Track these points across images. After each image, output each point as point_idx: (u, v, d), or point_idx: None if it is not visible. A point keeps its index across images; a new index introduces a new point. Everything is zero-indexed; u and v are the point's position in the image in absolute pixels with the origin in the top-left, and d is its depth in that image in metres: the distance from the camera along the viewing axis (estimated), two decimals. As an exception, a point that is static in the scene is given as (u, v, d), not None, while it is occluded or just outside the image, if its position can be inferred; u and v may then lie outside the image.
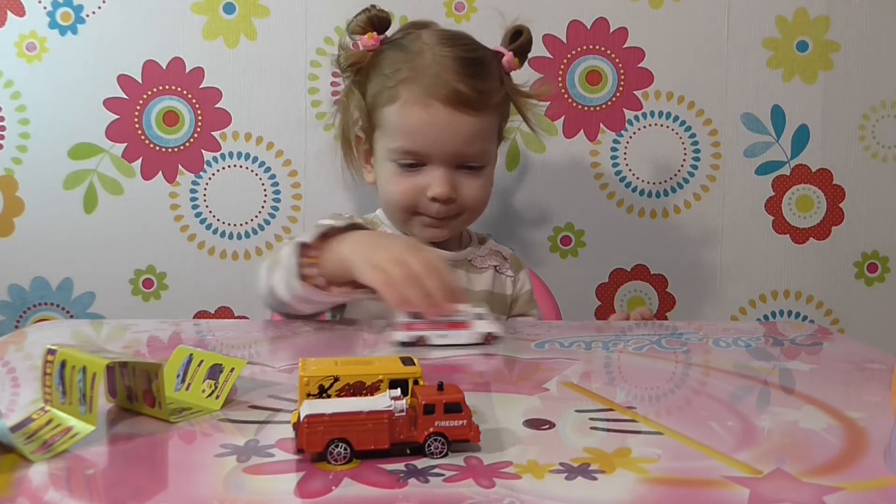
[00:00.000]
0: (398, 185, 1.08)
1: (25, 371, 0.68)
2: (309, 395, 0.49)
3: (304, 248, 0.89)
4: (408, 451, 0.46)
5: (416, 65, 1.05)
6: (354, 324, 0.93)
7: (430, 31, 1.11)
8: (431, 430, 0.45)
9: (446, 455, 0.46)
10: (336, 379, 0.49)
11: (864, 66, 1.43)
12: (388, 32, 1.12)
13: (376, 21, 1.11)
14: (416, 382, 0.50)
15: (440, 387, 0.47)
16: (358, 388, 0.49)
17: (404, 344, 0.78)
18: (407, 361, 0.52)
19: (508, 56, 1.12)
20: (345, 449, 0.44)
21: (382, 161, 1.10)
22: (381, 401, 0.46)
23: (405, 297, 0.79)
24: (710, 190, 1.44)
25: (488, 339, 0.80)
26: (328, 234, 0.90)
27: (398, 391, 0.47)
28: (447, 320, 0.79)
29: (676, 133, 1.43)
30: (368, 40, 1.09)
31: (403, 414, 0.45)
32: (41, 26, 1.36)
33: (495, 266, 1.17)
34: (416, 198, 1.08)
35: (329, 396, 0.49)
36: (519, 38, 1.14)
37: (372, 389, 0.49)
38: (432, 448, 0.45)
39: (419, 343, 0.78)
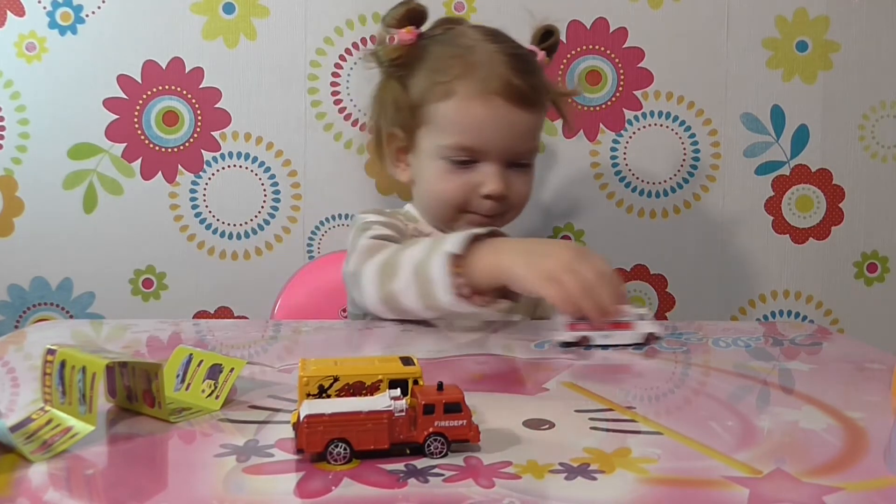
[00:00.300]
0: (449, 182, 1.06)
1: (25, 371, 0.68)
2: (309, 395, 0.49)
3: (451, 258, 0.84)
4: (407, 451, 0.46)
5: (471, 60, 1.04)
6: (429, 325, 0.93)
7: (471, 27, 1.11)
8: (431, 430, 0.45)
9: (446, 455, 0.46)
10: (336, 379, 0.49)
11: (864, 66, 1.43)
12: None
13: (414, 15, 1.09)
14: (415, 382, 0.50)
15: (440, 387, 0.47)
16: (358, 388, 0.49)
17: (568, 344, 0.78)
18: (406, 361, 0.52)
19: (542, 55, 1.13)
20: (344, 449, 0.44)
21: (430, 158, 1.07)
22: (381, 401, 0.46)
23: (580, 308, 0.77)
24: (710, 190, 1.44)
25: (649, 338, 0.80)
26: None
27: (398, 391, 0.47)
28: (611, 321, 0.79)
29: (676, 133, 1.43)
30: (406, 35, 1.07)
31: (403, 414, 0.45)
32: (41, 26, 1.36)
33: None
34: (467, 195, 1.06)
35: (329, 396, 0.49)
36: (550, 39, 1.15)
37: (372, 389, 0.49)
38: (432, 448, 0.45)
39: (581, 343, 0.78)
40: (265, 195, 1.41)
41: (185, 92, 1.38)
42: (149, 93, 1.38)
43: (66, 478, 0.45)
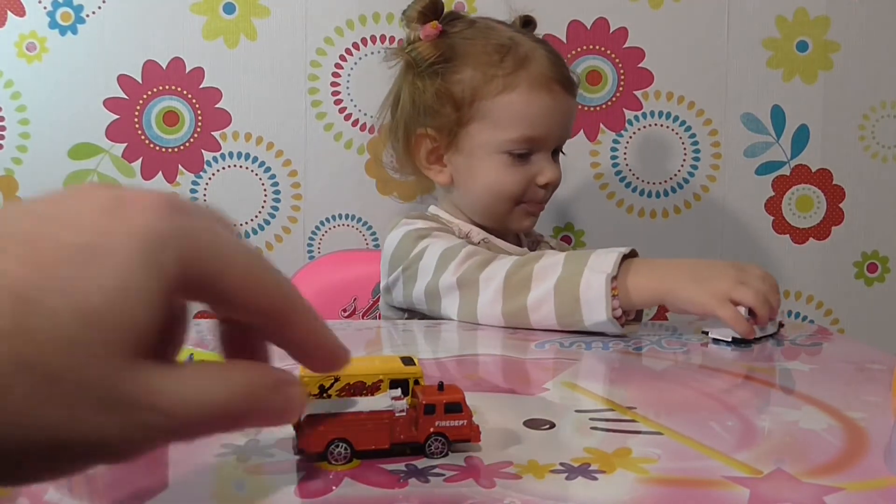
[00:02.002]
0: (511, 175, 1.05)
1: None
2: (309, 394, 0.49)
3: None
4: (408, 451, 0.46)
5: (521, 53, 1.04)
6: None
7: (484, 20, 1.11)
8: (432, 430, 0.45)
9: (447, 455, 0.46)
10: (336, 379, 0.49)
11: (864, 66, 1.43)
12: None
13: (435, 8, 1.08)
14: (416, 382, 0.50)
15: (440, 387, 0.47)
16: (358, 388, 0.49)
17: (737, 341, 0.80)
18: (407, 361, 0.52)
19: None
20: (345, 449, 0.44)
21: (485, 154, 1.05)
22: (382, 401, 0.46)
23: (751, 328, 0.80)
24: (710, 190, 1.44)
25: (781, 325, 0.85)
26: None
27: (398, 391, 0.47)
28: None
29: (676, 133, 1.43)
30: (431, 30, 1.06)
31: (404, 414, 0.45)
32: (41, 26, 1.36)
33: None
34: (525, 187, 1.06)
35: (329, 396, 0.49)
36: (529, 27, 1.14)
37: (372, 389, 0.49)
38: (433, 448, 0.45)
39: (733, 339, 0.80)
40: (265, 195, 1.41)
41: (185, 92, 1.38)
42: (149, 93, 1.38)
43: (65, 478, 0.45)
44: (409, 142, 1.09)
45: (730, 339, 0.80)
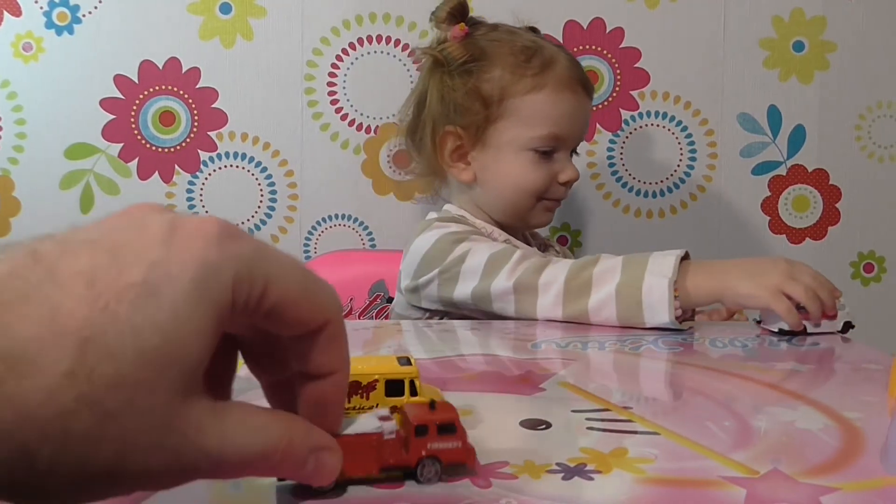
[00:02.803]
0: (535, 172, 1.09)
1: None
2: None
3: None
4: (400, 476, 0.43)
5: (547, 55, 1.09)
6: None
7: (501, 25, 1.15)
8: (424, 452, 0.42)
9: (440, 480, 0.43)
10: None
11: (861, 67, 1.43)
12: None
13: (462, 9, 1.12)
14: (412, 383, 0.50)
15: (432, 405, 0.44)
16: (354, 388, 0.49)
17: (783, 332, 0.84)
18: (404, 361, 0.52)
19: None
20: None
21: (511, 151, 1.09)
22: (369, 422, 0.42)
23: (800, 321, 0.84)
24: (707, 190, 1.45)
25: (846, 327, 0.86)
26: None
27: (386, 411, 0.45)
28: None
29: (673, 133, 1.43)
30: (459, 31, 1.11)
31: (393, 436, 0.42)
32: (37, 26, 1.36)
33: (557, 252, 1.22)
34: (548, 184, 1.10)
35: None
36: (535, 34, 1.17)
37: (368, 389, 0.49)
38: (425, 473, 0.42)
39: (796, 331, 0.84)
40: (262, 195, 1.41)
41: (181, 92, 1.38)
42: (145, 93, 1.38)
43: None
44: (434, 139, 1.12)
45: (776, 330, 0.84)
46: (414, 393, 0.49)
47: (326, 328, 0.34)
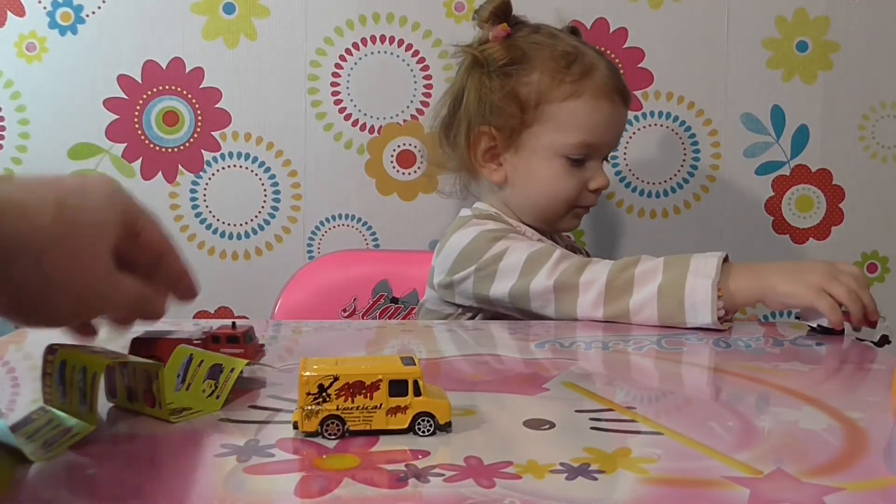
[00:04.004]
0: (567, 180, 1.09)
1: (25, 371, 0.68)
2: (308, 393, 0.50)
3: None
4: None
5: (587, 62, 1.09)
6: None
7: (545, 27, 1.14)
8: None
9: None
10: (336, 378, 0.49)
11: (864, 67, 1.43)
12: None
13: (505, 9, 1.11)
14: (416, 383, 0.50)
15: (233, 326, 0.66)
16: (358, 388, 0.49)
17: (824, 329, 0.85)
18: (407, 361, 0.52)
19: None
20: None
21: (544, 156, 1.09)
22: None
23: (848, 314, 0.86)
24: (710, 190, 1.44)
25: (882, 340, 0.87)
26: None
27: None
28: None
29: (676, 133, 1.43)
30: (501, 31, 1.10)
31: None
32: (41, 26, 1.36)
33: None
34: (580, 191, 1.10)
35: (329, 396, 0.49)
36: (576, 35, 1.17)
37: (372, 389, 0.49)
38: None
39: (836, 331, 0.85)
40: (265, 195, 1.41)
41: (185, 92, 1.39)
42: (149, 93, 1.38)
43: (66, 478, 0.45)
44: (469, 138, 1.12)
45: (815, 326, 0.86)
46: (418, 393, 0.50)
47: (164, 254, 0.59)
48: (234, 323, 0.65)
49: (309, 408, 0.49)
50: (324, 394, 0.49)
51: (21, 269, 0.49)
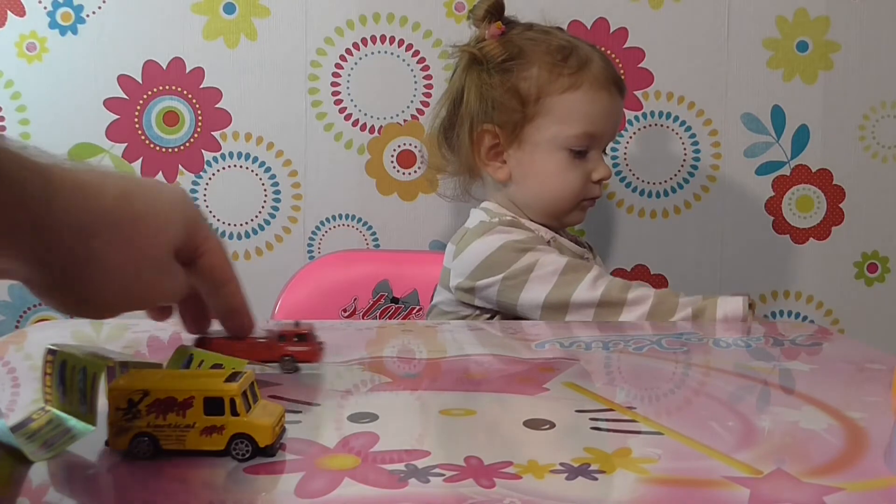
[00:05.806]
0: (572, 173, 1.11)
1: (25, 371, 0.68)
2: (118, 408, 0.46)
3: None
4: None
5: (583, 54, 1.10)
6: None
7: (536, 24, 1.15)
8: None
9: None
10: (146, 393, 0.45)
11: (865, 67, 1.43)
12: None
13: (499, 7, 1.12)
14: (232, 401, 0.45)
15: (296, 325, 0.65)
16: (170, 404, 0.45)
17: None
18: (232, 377, 0.47)
19: None
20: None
21: (546, 150, 1.10)
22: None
23: None
24: (710, 190, 1.44)
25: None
26: None
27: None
28: None
29: (676, 133, 1.43)
30: (496, 30, 1.11)
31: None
32: (41, 26, 1.36)
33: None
34: (584, 183, 1.11)
35: (139, 412, 0.45)
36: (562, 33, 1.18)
37: (184, 406, 0.45)
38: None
39: None
40: (265, 195, 1.41)
41: (185, 92, 1.39)
42: (149, 93, 1.38)
43: (66, 478, 0.45)
44: (472, 137, 1.12)
45: None
46: (235, 413, 0.45)
47: (225, 282, 0.58)
48: (297, 322, 0.64)
49: (119, 424, 0.45)
50: (133, 409, 0.46)
51: (66, 247, 0.47)
